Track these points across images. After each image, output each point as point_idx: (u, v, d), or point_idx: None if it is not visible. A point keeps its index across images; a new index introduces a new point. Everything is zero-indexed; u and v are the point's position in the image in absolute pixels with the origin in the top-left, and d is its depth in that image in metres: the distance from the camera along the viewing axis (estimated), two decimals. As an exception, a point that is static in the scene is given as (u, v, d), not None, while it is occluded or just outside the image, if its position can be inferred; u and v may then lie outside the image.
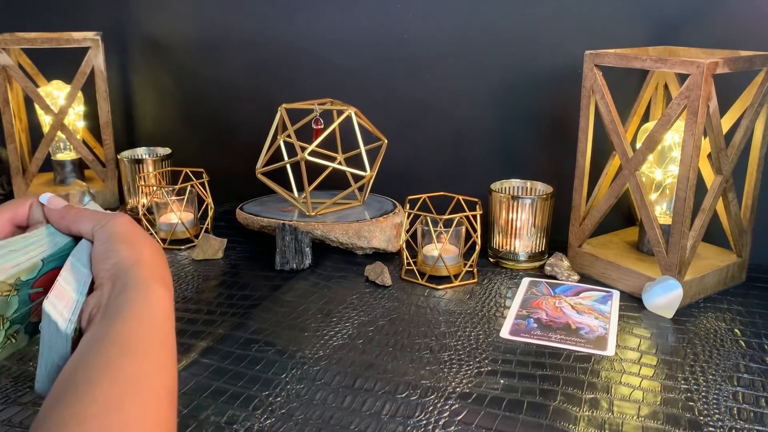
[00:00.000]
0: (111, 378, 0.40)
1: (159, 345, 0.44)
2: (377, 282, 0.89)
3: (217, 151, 1.27)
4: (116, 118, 1.27)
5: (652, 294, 0.81)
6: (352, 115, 0.97)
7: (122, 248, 0.49)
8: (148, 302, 0.46)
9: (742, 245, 0.88)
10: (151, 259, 0.50)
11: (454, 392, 0.64)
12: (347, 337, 0.75)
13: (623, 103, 0.92)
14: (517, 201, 0.92)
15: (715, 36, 0.91)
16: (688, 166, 0.76)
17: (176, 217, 1.01)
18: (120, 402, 0.39)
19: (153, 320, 0.45)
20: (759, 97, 0.81)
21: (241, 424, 0.59)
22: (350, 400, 0.63)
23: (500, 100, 1.05)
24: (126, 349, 0.42)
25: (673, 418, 0.60)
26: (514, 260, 0.94)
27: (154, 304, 0.46)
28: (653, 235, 0.82)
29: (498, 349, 0.72)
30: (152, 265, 0.49)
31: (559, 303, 0.83)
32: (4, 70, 1.10)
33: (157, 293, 0.47)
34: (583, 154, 0.89)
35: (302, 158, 0.94)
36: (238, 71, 1.21)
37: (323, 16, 1.12)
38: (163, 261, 0.51)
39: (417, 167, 1.13)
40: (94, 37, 1.13)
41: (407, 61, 1.09)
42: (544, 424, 0.59)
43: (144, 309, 0.45)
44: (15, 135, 1.13)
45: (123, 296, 0.46)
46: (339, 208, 1.02)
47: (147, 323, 0.45)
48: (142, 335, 0.44)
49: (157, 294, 0.47)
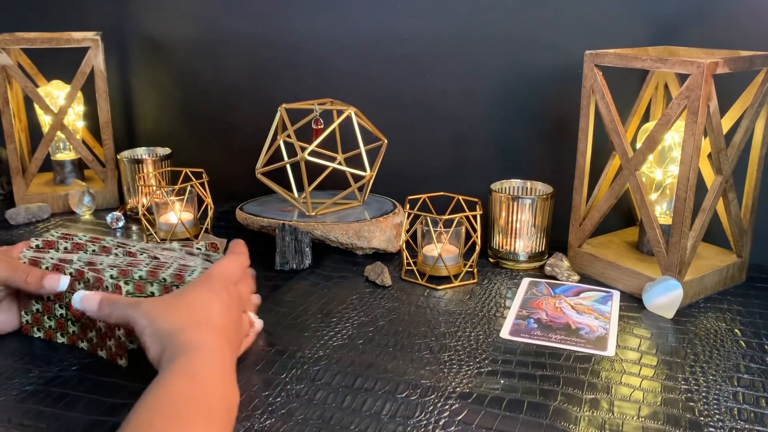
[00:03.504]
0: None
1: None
2: (377, 282, 0.89)
3: (217, 151, 1.27)
4: (116, 118, 1.27)
5: (652, 294, 0.81)
6: (352, 115, 0.97)
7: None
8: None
9: (742, 245, 0.88)
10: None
11: (454, 392, 0.64)
12: (347, 337, 0.75)
13: (623, 103, 0.92)
14: (517, 201, 0.92)
15: (715, 36, 0.91)
16: (688, 166, 0.76)
17: (176, 217, 1.00)
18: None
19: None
20: (759, 97, 0.81)
21: (241, 424, 0.59)
22: (350, 400, 0.63)
23: (500, 100, 1.05)
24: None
25: (673, 418, 0.60)
26: (514, 260, 0.94)
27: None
28: (653, 235, 0.82)
29: (498, 350, 0.72)
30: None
31: (559, 303, 0.83)
32: (3, 70, 1.10)
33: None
34: (583, 154, 0.89)
35: (302, 158, 0.94)
36: (238, 71, 1.20)
37: (323, 16, 1.12)
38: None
39: (417, 167, 1.13)
40: (93, 37, 1.13)
41: (407, 61, 1.09)
42: (544, 424, 0.59)
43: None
44: (15, 135, 1.13)
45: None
46: (339, 208, 1.02)
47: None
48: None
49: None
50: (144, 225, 1.02)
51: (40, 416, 0.61)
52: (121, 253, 0.76)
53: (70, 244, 0.77)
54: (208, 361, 0.56)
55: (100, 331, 0.69)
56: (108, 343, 0.69)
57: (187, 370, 0.54)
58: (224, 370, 0.57)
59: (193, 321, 0.60)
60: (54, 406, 0.62)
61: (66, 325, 0.72)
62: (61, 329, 0.72)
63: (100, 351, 0.70)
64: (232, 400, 0.55)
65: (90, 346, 0.71)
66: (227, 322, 0.63)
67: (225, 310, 0.63)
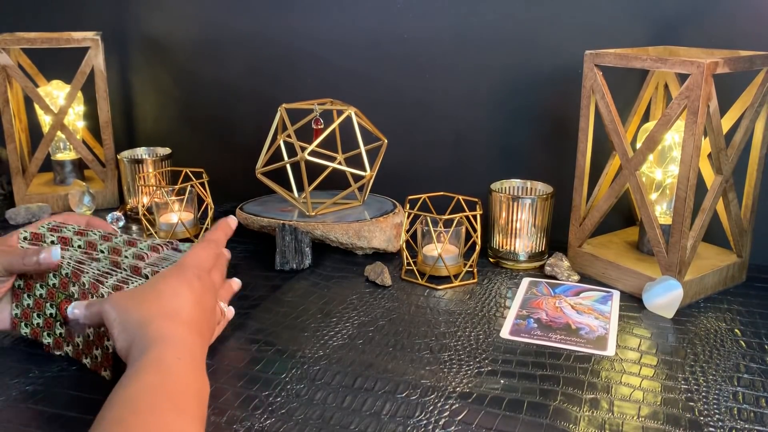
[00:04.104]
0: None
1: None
2: (377, 282, 0.89)
3: (217, 151, 1.27)
4: (116, 118, 1.27)
5: (652, 294, 0.81)
6: (352, 115, 0.97)
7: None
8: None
9: (742, 245, 0.88)
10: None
11: (454, 392, 0.64)
12: (347, 337, 0.75)
13: (623, 103, 0.92)
14: (517, 201, 0.92)
15: (715, 36, 0.91)
16: (688, 166, 0.76)
17: (176, 217, 1.01)
18: None
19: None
20: (759, 97, 0.81)
21: (241, 424, 0.59)
22: (350, 399, 0.63)
23: (500, 100, 1.05)
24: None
25: (673, 418, 0.60)
26: (514, 260, 0.94)
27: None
28: (653, 235, 0.82)
29: (498, 349, 0.72)
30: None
31: (559, 303, 0.83)
32: (4, 70, 1.10)
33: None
34: (583, 154, 0.89)
35: (302, 158, 0.94)
36: (238, 71, 1.21)
37: (323, 16, 1.12)
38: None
39: (417, 167, 1.13)
40: (94, 37, 1.13)
41: (407, 61, 1.09)
42: (544, 424, 0.59)
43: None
44: (15, 135, 1.13)
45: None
46: (339, 208, 1.02)
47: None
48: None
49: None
50: (144, 225, 1.02)
51: (40, 416, 0.61)
52: (107, 250, 0.74)
53: (57, 237, 0.75)
54: (177, 353, 0.55)
55: (89, 338, 0.68)
56: (94, 351, 0.67)
57: (156, 363, 0.53)
58: (193, 361, 0.56)
59: (161, 312, 0.59)
60: (54, 406, 0.62)
61: (54, 326, 0.71)
62: (49, 328, 0.71)
63: (84, 359, 0.69)
64: (202, 390, 0.55)
65: (75, 351, 0.70)
66: (198, 312, 0.62)
67: (197, 300, 0.62)
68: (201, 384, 0.55)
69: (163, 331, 0.57)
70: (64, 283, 0.70)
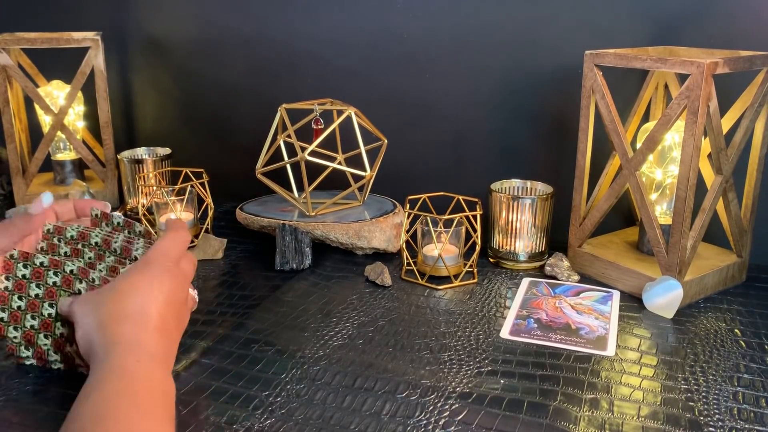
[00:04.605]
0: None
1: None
2: (377, 282, 0.89)
3: (217, 151, 1.27)
4: (116, 118, 1.27)
5: (652, 294, 0.81)
6: (352, 115, 0.97)
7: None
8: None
9: (742, 245, 0.88)
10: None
11: (454, 392, 0.64)
12: (347, 337, 0.75)
13: (623, 103, 0.92)
14: (517, 201, 0.92)
15: (715, 36, 0.91)
16: (688, 166, 0.76)
17: (176, 217, 1.00)
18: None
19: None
20: (759, 97, 0.81)
21: (241, 424, 0.59)
22: (350, 399, 0.63)
23: (500, 100, 1.05)
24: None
25: (673, 418, 0.60)
26: (514, 260, 0.94)
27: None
28: (653, 235, 0.82)
29: (498, 349, 0.72)
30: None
31: (559, 303, 0.83)
32: (4, 70, 1.10)
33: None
34: (583, 154, 0.89)
35: (302, 158, 0.94)
36: (238, 71, 1.20)
37: (323, 16, 1.12)
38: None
39: (417, 167, 1.13)
40: (94, 37, 1.13)
41: (407, 61, 1.09)
42: (544, 424, 0.59)
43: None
44: (15, 135, 1.13)
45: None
46: (339, 208, 1.02)
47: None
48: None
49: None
50: (144, 225, 1.02)
51: (40, 416, 0.61)
52: (99, 238, 0.72)
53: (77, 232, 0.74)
54: (136, 356, 0.54)
55: (62, 336, 0.67)
56: (67, 348, 0.67)
57: (117, 369, 0.53)
58: (153, 362, 0.55)
59: (119, 315, 0.57)
60: (54, 406, 0.62)
61: (54, 326, 0.68)
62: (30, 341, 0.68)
63: (55, 354, 0.68)
64: (167, 391, 0.54)
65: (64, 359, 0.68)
66: (166, 308, 0.59)
67: (166, 295, 0.60)
68: (164, 384, 0.54)
69: (121, 335, 0.56)
70: (68, 280, 0.68)
